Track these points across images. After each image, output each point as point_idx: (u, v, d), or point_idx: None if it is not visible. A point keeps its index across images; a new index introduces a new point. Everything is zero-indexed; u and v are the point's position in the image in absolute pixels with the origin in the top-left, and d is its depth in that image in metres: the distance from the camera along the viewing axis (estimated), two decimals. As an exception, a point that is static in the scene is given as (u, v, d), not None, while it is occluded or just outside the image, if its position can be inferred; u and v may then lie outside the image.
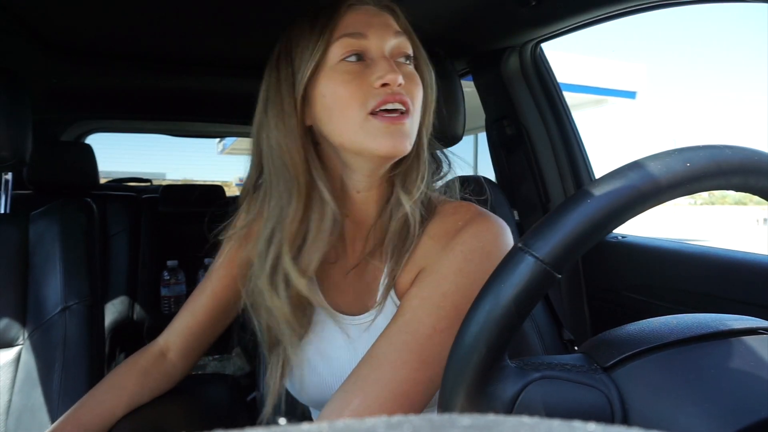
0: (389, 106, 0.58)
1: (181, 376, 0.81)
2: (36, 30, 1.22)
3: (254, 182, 0.70)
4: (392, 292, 0.65)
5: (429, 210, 0.66)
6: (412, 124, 0.60)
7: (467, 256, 0.59)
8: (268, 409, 0.69)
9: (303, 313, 0.67)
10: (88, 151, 2.00)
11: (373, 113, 0.58)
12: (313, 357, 0.69)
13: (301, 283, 0.63)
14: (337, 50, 0.60)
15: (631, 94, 7.94)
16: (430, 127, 0.68)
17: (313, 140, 0.66)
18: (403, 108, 0.59)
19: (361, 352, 0.60)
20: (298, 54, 0.62)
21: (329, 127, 0.61)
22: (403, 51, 0.63)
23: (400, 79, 0.58)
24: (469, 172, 0.84)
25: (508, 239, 0.62)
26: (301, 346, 0.69)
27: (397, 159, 0.62)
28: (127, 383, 0.76)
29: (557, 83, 1.39)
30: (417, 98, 0.62)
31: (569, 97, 1.61)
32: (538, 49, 1.36)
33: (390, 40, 0.62)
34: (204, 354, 0.81)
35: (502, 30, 1.27)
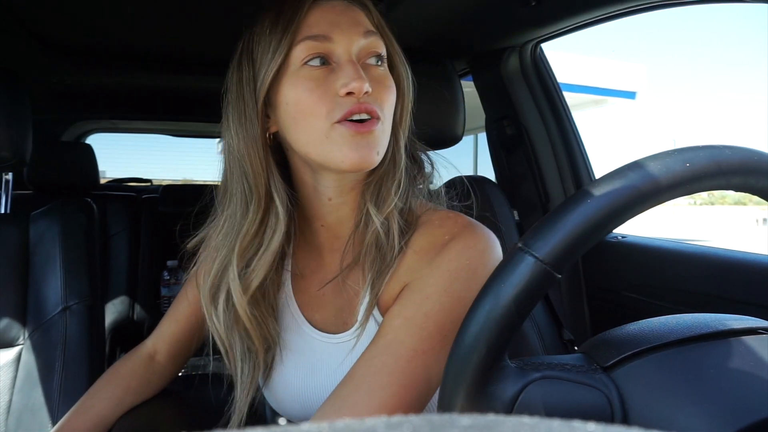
0: (355, 117, 0.54)
1: (170, 377, 0.82)
2: (36, 30, 1.22)
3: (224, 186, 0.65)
4: (375, 309, 0.61)
5: (411, 220, 0.62)
6: (382, 131, 0.57)
7: (453, 274, 0.55)
8: (235, 418, 0.65)
9: (249, 333, 0.62)
10: (89, 151, 2.00)
11: (339, 121, 0.55)
12: (288, 372, 0.66)
13: (241, 303, 0.59)
14: (299, 53, 0.56)
15: (630, 95, 7.94)
16: (407, 130, 0.63)
17: (281, 146, 0.63)
18: (370, 117, 0.56)
19: (339, 370, 0.58)
20: (259, 55, 0.57)
21: (294, 136, 0.58)
22: (373, 51, 0.58)
23: (367, 87, 0.54)
24: (461, 173, 0.81)
25: (496, 254, 0.59)
26: (279, 360, 0.66)
27: (364, 171, 0.58)
28: (115, 387, 0.76)
29: (557, 83, 1.39)
30: (388, 103, 0.58)
31: (569, 97, 1.61)
32: (538, 49, 1.36)
33: (358, 41, 0.57)
34: (193, 354, 0.81)
35: (502, 30, 1.27)
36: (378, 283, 0.59)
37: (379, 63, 0.59)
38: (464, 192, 0.70)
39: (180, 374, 0.85)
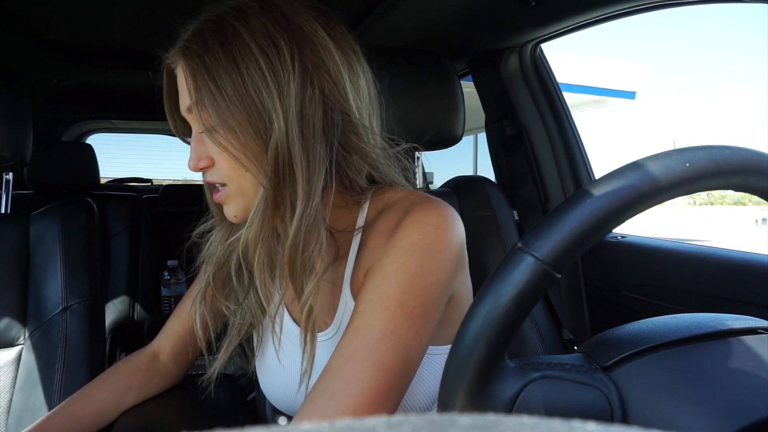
0: None
1: (174, 378, 0.82)
2: (36, 30, 1.22)
3: None
4: (349, 300, 0.61)
5: (376, 205, 0.63)
6: (235, 194, 0.59)
7: (407, 251, 0.55)
8: (211, 373, 0.70)
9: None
10: (89, 151, 2.00)
11: None
12: (271, 363, 0.69)
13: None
14: None
15: (630, 95, 7.94)
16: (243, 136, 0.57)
17: None
18: (219, 184, 0.60)
19: (317, 368, 0.59)
20: None
21: None
22: (200, 126, 0.57)
23: (194, 167, 0.59)
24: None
25: (452, 228, 0.57)
26: (263, 351, 0.70)
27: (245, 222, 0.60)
28: (117, 383, 0.77)
29: (557, 83, 1.39)
30: (226, 168, 0.57)
31: (569, 97, 1.61)
32: (538, 49, 1.36)
33: (189, 116, 0.60)
34: (198, 356, 0.81)
35: (502, 30, 1.27)
36: (336, 275, 0.61)
37: (208, 131, 0.57)
38: (464, 191, 0.70)
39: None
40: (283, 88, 0.53)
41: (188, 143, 0.64)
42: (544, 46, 1.36)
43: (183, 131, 0.67)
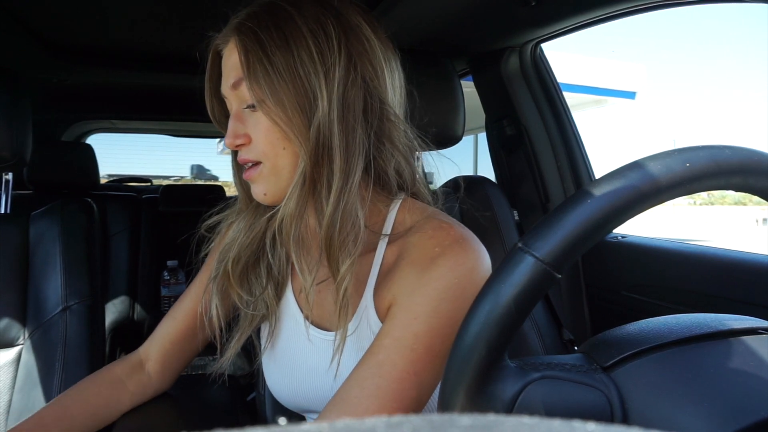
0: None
1: (155, 388, 0.78)
2: (36, 30, 1.22)
3: None
4: (371, 312, 0.61)
5: (402, 220, 0.64)
6: (267, 172, 0.61)
7: (441, 294, 0.55)
8: (220, 366, 0.70)
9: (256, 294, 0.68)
10: (89, 151, 2.00)
11: None
12: (280, 357, 0.69)
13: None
14: None
15: (630, 95, 7.94)
16: (298, 133, 0.60)
17: None
18: (252, 162, 0.61)
19: (326, 367, 0.60)
20: None
21: None
22: (243, 102, 0.61)
23: (231, 144, 0.60)
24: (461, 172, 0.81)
25: (485, 270, 0.58)
26: (272, 348, 0.70)
27: (276, 205, 0.62)
28: (93, 394, 0.73)
29: (557, 83, 1.39)
30: (265, 144, 0.59)
31: (569, 97, 1.61)
32: (538, 49, 1.36)
33: (230, 96, 0.62)
34: (188, 363, 0.79)
35: (502, 30, 1.27)
36: (345, 281, 0.59)
37: (254, 108, 0.60)
38: (463, 192, 0.70)
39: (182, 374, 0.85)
40: (329, 71, 0.57)
41: (221, 129, 0.67)
42: (544, 46, 1.36)
43: (219, 118, 0.69)
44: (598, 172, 1.38)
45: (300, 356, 0.67)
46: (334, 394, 0.56)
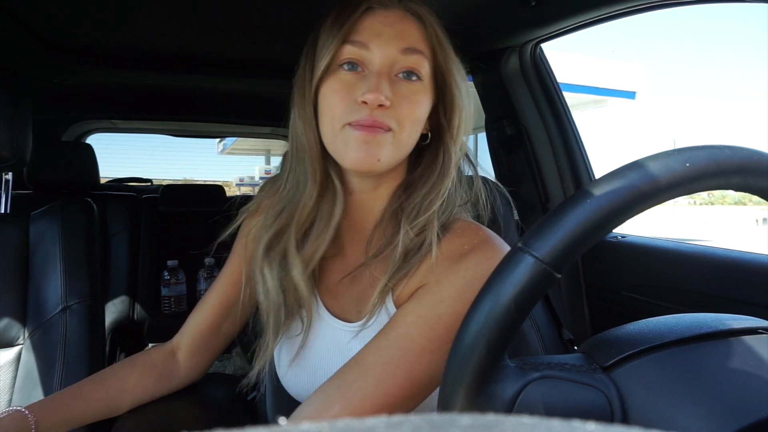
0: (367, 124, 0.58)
1: (186, 376, 0.80)
2: (36, 30, 1.22)
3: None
4: (390, 301, 0.63)
5: (445, 228, 0.65)
6: (391, 142, 0.59)
7: (468, 282, 0.58)
8: (248, 380, 0.71)
9: (287, 303, 0.66)
10: (89, 151, 2.00)
11: (350, 124, 0.59)
12: (301, 353, 0.69)
13: (298, 270, 0.63)
14: (342, 54, 0.60)
15: (630, 95, 7.95)
16: (460, 147, 0.66)
17: None
18: (384, 128, 0.59)
19: (347, 358, 0.60)
20: (318, 50, 0.63)
21: (321, 128, 0.63)
22: (406, 67, 0.61)
23: (383, 100, 0.57)
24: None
25: None
26: (293, 341, 0.69)
27: (371, 174, 0.63)
28: (130, 373, 0.76)
29: (557, 83, 1.39)
30: (408, 118, 0.60)
31: (569, 97, 1.61)
32: (538, 49, 1.36)
33: (393, 55, 0.60)
34: (219, 354, 0.81)
35: (502, 30, 1.27)
36: (395, 280, 0.62)
37: (414, 78, 0.61)
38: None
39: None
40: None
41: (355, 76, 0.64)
42: (544, 45, 1.36)
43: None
44: (598, 172, 1.38)
45: (323, 350, 0.67)
46: (350, 359, 0.58)
